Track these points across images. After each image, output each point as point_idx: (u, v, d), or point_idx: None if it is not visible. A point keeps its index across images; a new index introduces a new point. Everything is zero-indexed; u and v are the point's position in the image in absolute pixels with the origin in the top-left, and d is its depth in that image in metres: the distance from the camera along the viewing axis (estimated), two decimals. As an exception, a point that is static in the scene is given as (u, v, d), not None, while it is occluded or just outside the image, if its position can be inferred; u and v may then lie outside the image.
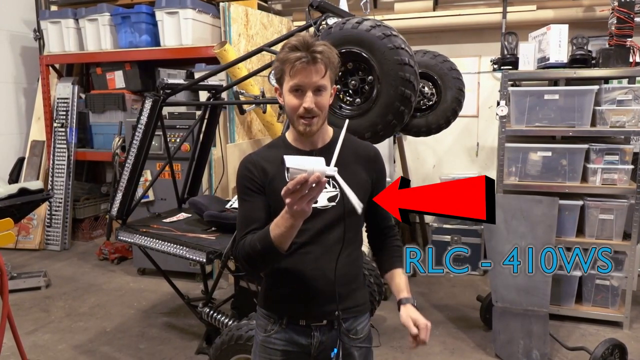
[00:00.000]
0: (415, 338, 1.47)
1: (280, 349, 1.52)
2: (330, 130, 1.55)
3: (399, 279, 1.65)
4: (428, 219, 4.79)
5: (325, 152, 1.43)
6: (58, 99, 5.21)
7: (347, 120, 1.34)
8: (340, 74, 2.26)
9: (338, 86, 2.17)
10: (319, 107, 1.40)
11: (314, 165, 1.15)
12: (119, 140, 4.75)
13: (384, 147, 4.31)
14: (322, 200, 1.46)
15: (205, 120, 3.31)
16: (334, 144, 1.40)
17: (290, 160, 1.16)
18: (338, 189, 1.46)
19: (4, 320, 2.27)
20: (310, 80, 1.37)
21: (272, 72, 1.44)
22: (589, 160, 3.24)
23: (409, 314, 1.52)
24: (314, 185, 1.15)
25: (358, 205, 1.20)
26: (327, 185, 1.43)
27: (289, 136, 1.53)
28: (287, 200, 1.19)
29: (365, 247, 3.94)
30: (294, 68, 1.36)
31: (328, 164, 1.21)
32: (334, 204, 1.46)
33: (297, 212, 1.21)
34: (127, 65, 4.96)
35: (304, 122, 1.40)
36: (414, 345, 1.48)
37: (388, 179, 1.63)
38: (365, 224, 1.64)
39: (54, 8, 5.43)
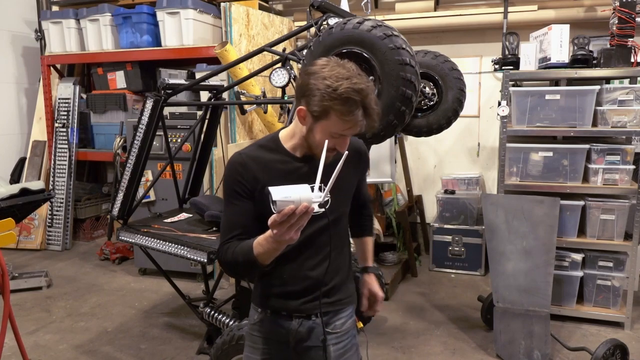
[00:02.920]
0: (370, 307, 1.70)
1: (262, 337, 1.58)
2: None
3: (367, 246, 1.77)
4: (429, 219, 4.79)
5: (316, 158, 1.43)
6: (59, 99, 5.21)
7: (326, 142, 1.31)
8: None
9: None
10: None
11: (301, 194, 1.13)
12: (120, 141, 4.75)
13: (385, 148, 4.30)
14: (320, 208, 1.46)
15: (207, 121, 3.31)
16: (334, 157, 1.41)
17: (276, 193, 1.14)
18: (329, 195, 1.46)
19: (5, 320, 2.27)
20: (354, 132, 1.37)
21: (311, 100, 1.33)
22: (590, 161, 3.23)
23: (371, 284, 1.72)
24: (301, 215, 1.15)
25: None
26: (319, 192, 1.44)
27: (287, 140, 1.48)
28: (275, 231, 1.18)
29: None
30: (352, 125, 1.33)
31: (315, 173, 1.20)
32: (323, 209, 1.46)
33: (285, 241, 1.22)
34: (128, 66, 4.97)
35: (327, 154, 1.34)
36: (366, 309, 1.71)
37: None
38: None
39: (55, 8, 5.44)
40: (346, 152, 1.29)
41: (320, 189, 1.21)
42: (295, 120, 1.43)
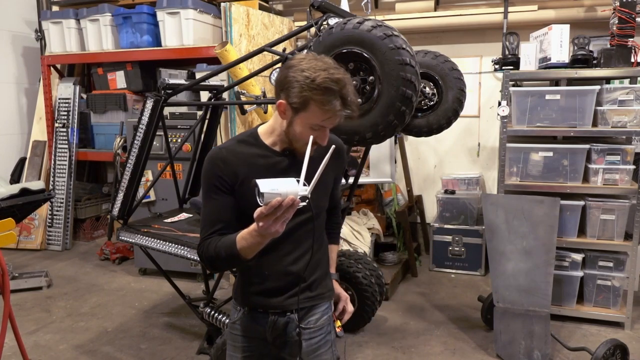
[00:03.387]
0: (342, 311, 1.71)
1: (241, 335, 1.60)
2: None
3: (332, 254, 1.76)
4: (429, 219, 4.79)
5: (298, 154, 1.47)
6: (59, 99, 5.22)
7: (310, 137, 1.34)
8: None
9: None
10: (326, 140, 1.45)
11: (287, 188, 1.15)
12: (120, 141, 4.75)
13: (385, 148, 4.30)
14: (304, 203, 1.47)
15: (207, 121, 3.31)
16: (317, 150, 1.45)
17: (264, 185, 1.15)
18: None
19: (5, 320, 2.27)
20: (334, 123, 1.40)
21: (290, 92, 1.36)
22: (590, 161, 3.23)
23: (339, 293, 1.73)
24: (288, 207, 1.16)
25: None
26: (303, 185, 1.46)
27: (266, 136, 1.50)
28: (261, 224, 1.19)
29: (367, 248, 3.95)
30: (331, 116, 1.36)
31: (299, 170, 1.22)
32: (304, 203, 1.47)
33: (270, 234, 1.22)
34: (128, 66, 4.97)
35: (311, 148, 1.37)
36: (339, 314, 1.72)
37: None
38: None
39: (55, 8, 5.44)
40: (333, 146, 1.33)
41: (305, 183, 1.23)
42: (275, 115, 1.47)
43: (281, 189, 1.14)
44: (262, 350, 1.60)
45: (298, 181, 1.21)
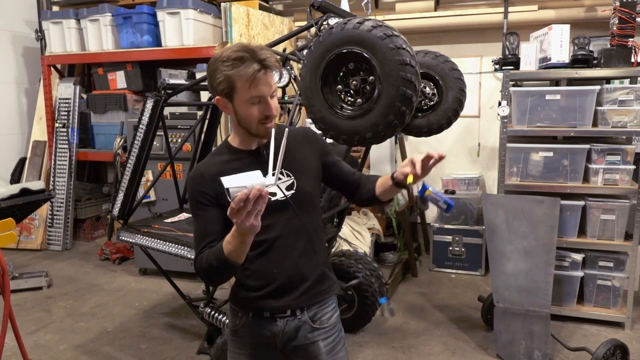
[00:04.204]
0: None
1: (247, 342, 1.56)
2: None
3: (382, 179, 1.64)
4: (429, 219, 4.79)
5: (268, 146, 1.46)
6: (60, 99, 5.22)
7: (273, 126, 1.38)
8: (341, 74, 2.26)
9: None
10: (276, 110, 1.44)
11: (252, 180, 1.16)
12: (120, 141, 4.75)
13: (385, 148, 4.30)
14: (281, 192, 1.47)
15: (207, 121, 3.31)
16: (276, 137, 1.43)
17: (228, 181, 1.16)
18: (292, 177, 1.50)
19: (5, 320, 2.27)
20: (269, 90, 1.40)
21: (215, 84, 1.40)
22: (590, 161, 3.23)
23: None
24: (256, 199, 1.16)
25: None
26: (281, 176, 1.49)
27: (234, 141, 1.54)
28: (234, 220, 1.19)
29: (367, 248, 3.94)
30: (253, 81, 1.36)
31: (268, 162, 1.24)
32: (293, 191, 1.49)
33: (247, 229, 1.22)
34: (128, 66, 4.97)
35: (268, 126, 1.42)
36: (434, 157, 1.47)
37: (350, 168, 1.68)
38: (340, 191, 1.72)
39: (55, 8, 5.44)
40: (286, 130, 1.36)
41: (282, 173, 1.25)
42: (229, 118, 1.51)
43: (245, 182, 1.15)
44: (270, 357, 1.56)
45: (273, 174, 1.23)
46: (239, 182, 1.15)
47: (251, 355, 1.56)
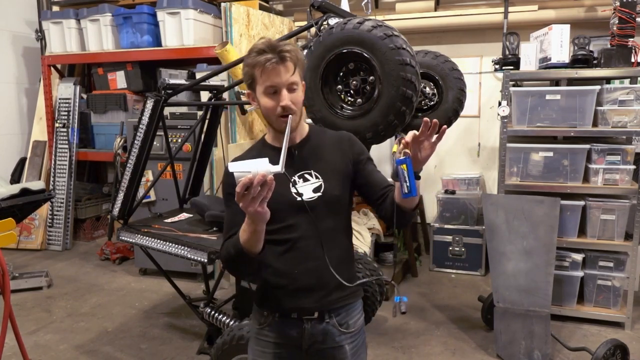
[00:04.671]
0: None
1: (272, 341, 1.55)
2: (306, 127, 1.58)
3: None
4: (429, 219, 4.79)
5: (302, 146, 1.52)
6: (60, 99, 5.22)
7: (290, 117, 1.37)
8: (341, 74, 2.26)
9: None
10: (295, 104, 1.43)
11: (258, 167, 1.18)
12: (120, 141, 4.75)
13: (386, 148, 4.30)
14: (307, 193, 1.48)
15: (207, 121, 3.31)
16: (311, 138, 1.53)
17: (233, 166, 1.20)
18: (321, 179, 1.50)
19: (5, 320, 2.27)
20: (282, 80, 1.40)
21: (245, 79, 1.46)
22: (590, 161, 3.23)
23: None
24: (261, 186, 1.18)
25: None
26: (309, 178, 1.49)
27: (268, 137, 1.57)
28: (240, 204, 1.21)
29: (367, 248, 3.94)
30: (266, 70, 1.38)
31: (292, 160, 1.27)
32: (319, 194, 1.49)
33: (254, 215, 1.24)
34: (128, 66, 4.97)
35: (284, 120, 1.42)
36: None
37: (389, 180, 1.62)
38: (367, 201, 1.65)
39: (55, 8, 5.44)
40: (290, 116, 1.37)
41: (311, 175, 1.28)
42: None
43: (250, 167, 1.18)
44: (294, 357, 1.55)
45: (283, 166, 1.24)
46: (244, 168, 1.18)
47: (275, 355, 1.55)
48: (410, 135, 1.34)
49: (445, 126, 1.36)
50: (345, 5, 3.91)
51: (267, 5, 4.96)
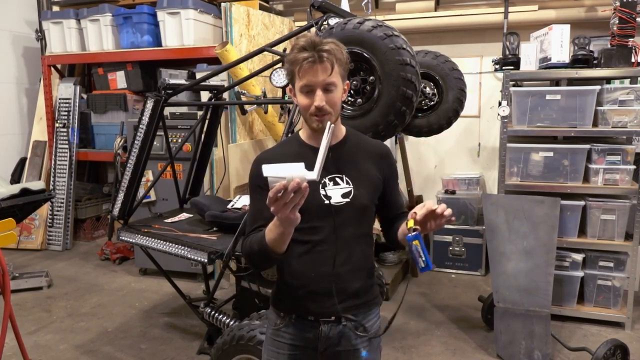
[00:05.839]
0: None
1: (288, 342, 1.54)
2: (343, 128, 1.56)
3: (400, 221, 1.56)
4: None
5: (337, 149, 1.49)
6: (60, 99, 5.22)
7: (330, 124, 1.31)
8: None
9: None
10: (330, 105, 1.41)
11: (293, 172, 1.14)
12: (120, 141, 4.75)
13: (386, 148, 4.30)
14: (336, 197, 1.46)
15: (207, 121, 3.31)
16: (347, 141, 1.51)
17: (268, 170, 1.15)
18: (352, 186, 1.48)
19: (5, 320, 2.27)
20: (318, 79, 1.38)
21: (284, 73, 1.47)
22: (590, 161, 3.23)
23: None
24: (294, 192, 1.15)
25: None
26: (340, 182, 1.47)
27: (303, 134, 1.55)
28: (272, 209, 1.19)
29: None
30: (302, 68, 1.38)
31: (326, 161, 1.22)
32: (348, 200, 1.47)
33: (284, 220, 1.22)
34: (128, 66, 4.97)
35: (317, 119, 1.42)
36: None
37: (404, 201, 1.63)
38: (377, 215, 1.65)
39: (55, 8, 5.44)
40: (330, 124, 1.31)
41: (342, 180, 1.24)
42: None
43: (285, 172, 1.14)
44: (309, 358, 1.54)
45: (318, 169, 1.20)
46: (279, 173, 1.15)
47: (290, 356, 1.55)
48: (421, 214, 1.36)
49: (453, 218, 1.39)
50: (345, 5, 3.92)
51: (267, 5, 4.96)
